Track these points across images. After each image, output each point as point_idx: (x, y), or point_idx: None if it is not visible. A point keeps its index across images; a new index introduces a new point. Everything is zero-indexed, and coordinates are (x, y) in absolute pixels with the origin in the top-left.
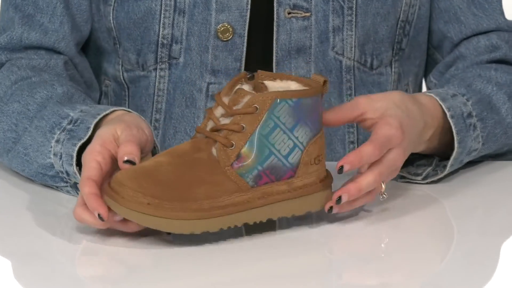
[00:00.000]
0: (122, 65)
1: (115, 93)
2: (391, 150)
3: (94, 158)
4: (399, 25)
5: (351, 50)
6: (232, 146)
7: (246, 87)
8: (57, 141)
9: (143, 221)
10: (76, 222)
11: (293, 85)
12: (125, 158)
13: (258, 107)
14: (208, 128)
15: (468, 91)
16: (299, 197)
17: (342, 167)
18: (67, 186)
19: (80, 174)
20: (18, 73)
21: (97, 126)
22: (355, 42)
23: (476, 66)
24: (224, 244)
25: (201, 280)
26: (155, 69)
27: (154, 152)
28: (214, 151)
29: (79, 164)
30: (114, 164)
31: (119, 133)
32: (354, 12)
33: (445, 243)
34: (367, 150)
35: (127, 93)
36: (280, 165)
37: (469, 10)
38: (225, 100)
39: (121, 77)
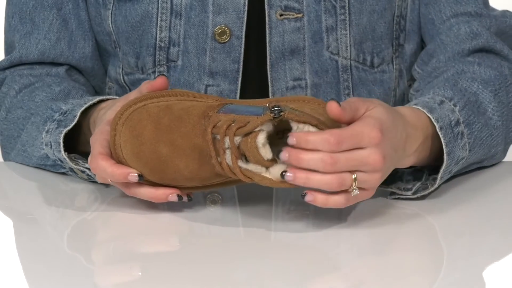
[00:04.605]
0: (122, 68)
1: (117, 96)
2: (365, 148)
3: (105, 138)
4: (395, 21)
5: (347, 49)
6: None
7: (266, 126)
8: (47, 131)
9: None
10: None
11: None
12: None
13: (253, 179)
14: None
15: (455, 92)
16: None
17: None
18: (67, 171)
19: (70, 160)
20: (21, 81)
21: (86, 116)
22: (350, 41)
23: (458, 60)
24: (220, 243)
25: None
26: (154, 72)
27: None
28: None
29: (67, 151)
30: None
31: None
32: (347, 11)
33: (434, 265)
34: (319, 134)
35: None
36: None
37: None
38: (238, 139)
39: (122, 80)
